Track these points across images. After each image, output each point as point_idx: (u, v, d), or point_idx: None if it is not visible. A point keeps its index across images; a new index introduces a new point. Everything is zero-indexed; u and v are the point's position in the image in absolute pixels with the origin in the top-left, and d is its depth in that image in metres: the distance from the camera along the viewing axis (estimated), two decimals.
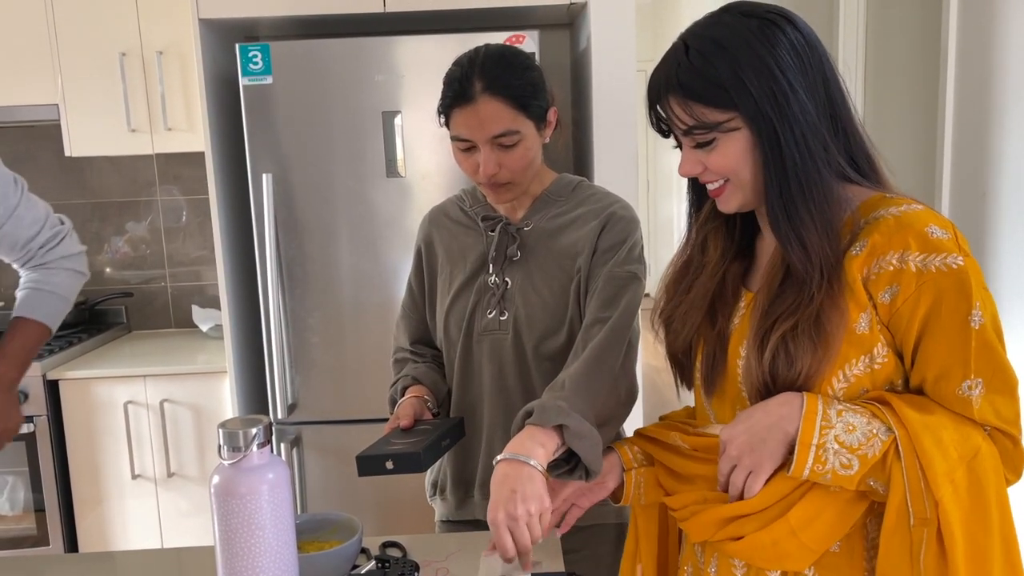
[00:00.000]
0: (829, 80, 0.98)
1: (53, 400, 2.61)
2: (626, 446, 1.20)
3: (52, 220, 1.72)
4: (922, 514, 0.89)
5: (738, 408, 1.06)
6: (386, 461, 1.23)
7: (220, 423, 0.99)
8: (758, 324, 1.00)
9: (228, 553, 0.98)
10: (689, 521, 1.04)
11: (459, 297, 1.45)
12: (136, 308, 3.19)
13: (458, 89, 1.32)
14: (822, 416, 0.93)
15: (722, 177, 1.01)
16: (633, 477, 1.17)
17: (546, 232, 1.42)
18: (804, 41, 0.97)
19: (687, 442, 1.11)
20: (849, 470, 0.92)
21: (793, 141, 0.94)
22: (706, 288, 1.10)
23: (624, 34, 2.33)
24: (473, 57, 1.35)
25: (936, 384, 0.95)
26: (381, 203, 2.39)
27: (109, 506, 2.68)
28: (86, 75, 2.72)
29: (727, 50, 0.95)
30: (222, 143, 2.50)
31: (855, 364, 0.96)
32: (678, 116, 0.98)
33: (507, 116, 1.32)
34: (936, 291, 0.92)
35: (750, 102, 0.94)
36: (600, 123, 2.37)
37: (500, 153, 1.33)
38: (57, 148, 2.81)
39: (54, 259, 1.70)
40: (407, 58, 2.33)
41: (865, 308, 0.95)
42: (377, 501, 2.47)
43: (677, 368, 1.18)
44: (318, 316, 2.43)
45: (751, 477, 0.97)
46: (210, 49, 2.43)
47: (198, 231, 3.16)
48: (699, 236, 1.13)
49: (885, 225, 0.94)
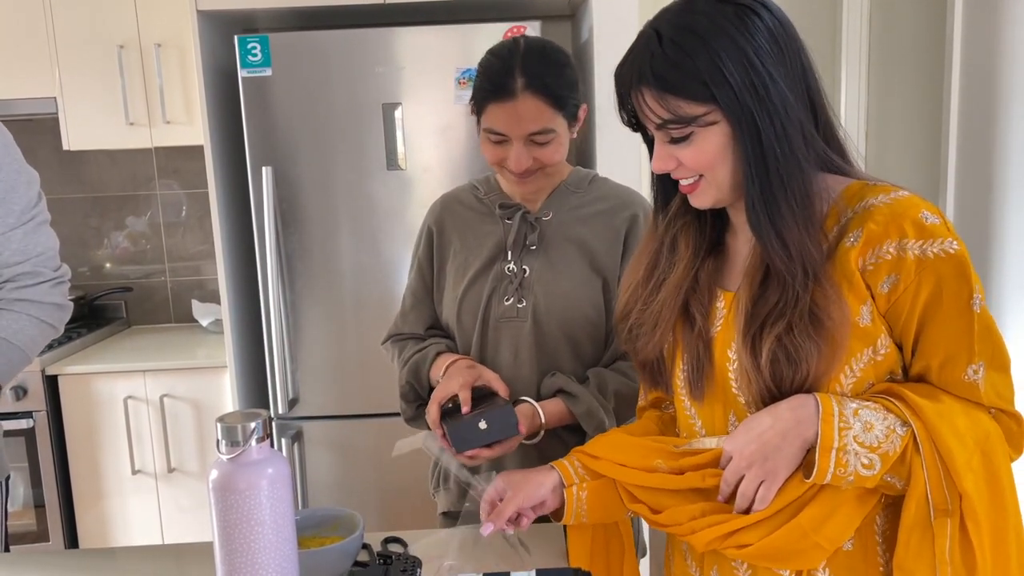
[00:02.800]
0: (806, 67, 0.95)
1: (52, 396, 2.60)
2: (564, 461, 1.13)
3: (46, 260, 1.50)
4: (943, 506, 0.88)
5: (731, 413, 1.02)
6: (479, 422, 1.26)
7: (219, 417, 0.98)
8: (744, 327, 0.96)
9: (227, 549, 0.97)
10: (693, 536, 1.00)
11: (474, 284, 1.44)
12: (136, 303, 3.17)
13: (498, 82, 1.31)
14: (839, 417, 0.90)
15: (697, 173, 0.97)
16: (575, 493, 1.10)
17: (566, 222, 1.44)
18: (781, 27, 0.93)
19: (674, 465, 1.04)
20: (871, 470, 0.89)
21: (774, 134, 0.90)
22: (677, 288, 1.05)
23: (626, 25, 2.31)
24: (513, 49, 1.34)
25: (942, 370, 0.93)
26: (382, 196, 2.37)
27: (109, 502, 2.66)
28: (84, 68, 2.70)
29: (704, 39, 0.90)
30: (221, 136, 2.48)
31: (860, 358, 0.94)
32: (652, 109, 0.93)
33: (546, 114, 1.32)
34: (936, 277, 0.90)
35: (730, 95, 0.89)
36: (602, 114, 2.35)
37: (533, 148, 1.34)
38: (55, 142, 2.79)
39: (20, 301, 1.47)
40: (407, 50, 2.31)
41: (865, 300, 0.92)
42: (378, 496, 2.46)
43: (647, 374, 1.13)
44: (318, 310, 2.41)
45: (763, 486, 0.93)
46: (208, 41, 2.41)
47: (198, 225, 3.14)
48: (668, 234, 1.07)
49: (879, 213, 0.92)
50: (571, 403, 1.37)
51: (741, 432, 0.95)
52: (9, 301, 1.47)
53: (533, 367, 1.42)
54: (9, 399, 2.51)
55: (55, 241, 1.54)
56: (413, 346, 1.50)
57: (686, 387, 1.07)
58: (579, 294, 1.41)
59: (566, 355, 1.42)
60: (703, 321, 1.03)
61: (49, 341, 1.54)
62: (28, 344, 1.48)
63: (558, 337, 1.41)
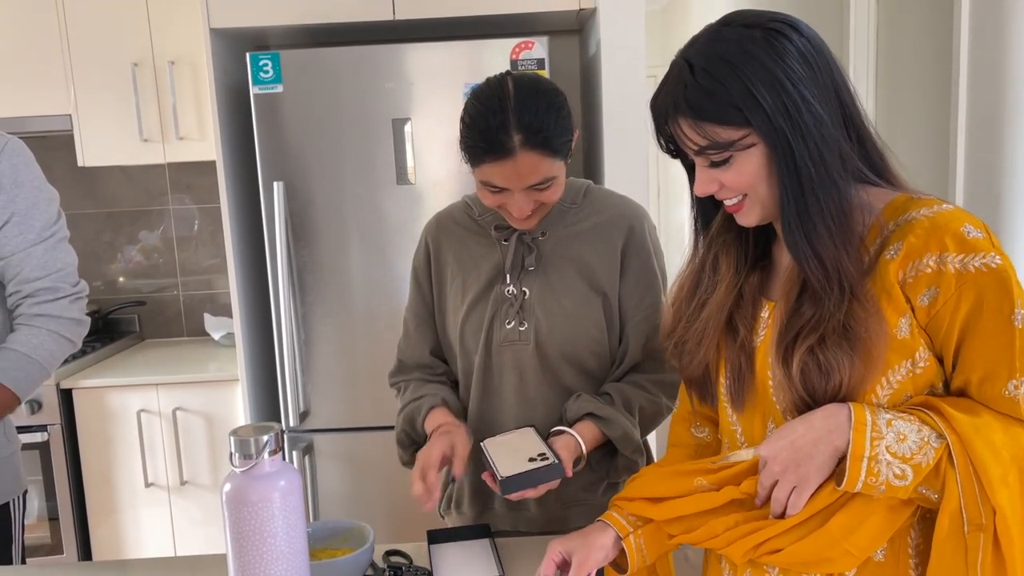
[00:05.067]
0: (839, 83, 0.96)
1: (67, 409, 2.62)
2: (614, 513, 1.13)
3: (64, 276, 1.54)
4: (977, 520, 0.88)
5: (770, 421, 1.03)
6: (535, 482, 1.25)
7: (232, 430, 0.99)
8: (779, 338, 0.97)
9: (240, 561, 0.98)
10: (729, 548, 1.00)
11: (475, 307, 1.43)
12: (149, 317, 3.20)
13: (493, 140, 1.24)
14: (871, 427, 0.90)
15: (740, 193, 0.98)
16: (632, 542, 1.10)
17: (563, 241, 1.42)
18: (811, 47, 0.94)
19: (713, 481, 1.05)
20: (903, 480, 0.89)
21: (807, 154, 0.92)
22: (721, 304, 1.06)
23: (634, 40, 2.33)
24: (502, 98, 1.26)
25: (981, 385, 0.93)
26: (392, 211, 2.39)
27: (123, 514, 2.68)
28: (99, 85, 2.74)
29: (735, 66, 0.91)
30: (233, 152, 2.51)
31: (898, 370, 0.94)
32: (689, 137, 0.95)
33: (545, 166, 1.27)
34: (977, 291, 0.90)
35: (763, 118, 0.91)
36: (610, 129, 2.36)
37: (535, 194, 1.31)
38: (70, 158, 2.83)
39: (40, 316, 1.51)
40: (417, 65, 2.33)
41: (904, 312, 0.93)
42: (388, 510, 2.47)
43: (695, 389, 1.14)
44: (329, 324, 2.43)
45: (795, 492, 0.94)
46: (221, 58, 2.44)
47: (210, 240, 3.17)
48: (709, 254, 1.09)
49: (920, 227, 0.92)
50: (605, 427, 1.34)
51: (775, 438, 0.96)
52: (29, 316, 1.50)
53: (539, 388, 1.41)
54: (24, 412, 2.54)
55: (74, 257, 1.58)
56: (411, 392, 1.48)
57: (728, 397, 1.08)
58: (580, 313, 1.39)
59: (571, 374, 1.41)
60: (747, 332, 1.05)
61: (67, 356, 1.57)
62: (47, 359, 1.51)
63: (562, 357, 1.40)
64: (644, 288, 1.42)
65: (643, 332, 1.40)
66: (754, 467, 1.00)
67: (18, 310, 1.52)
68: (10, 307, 1.53)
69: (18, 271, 1.49)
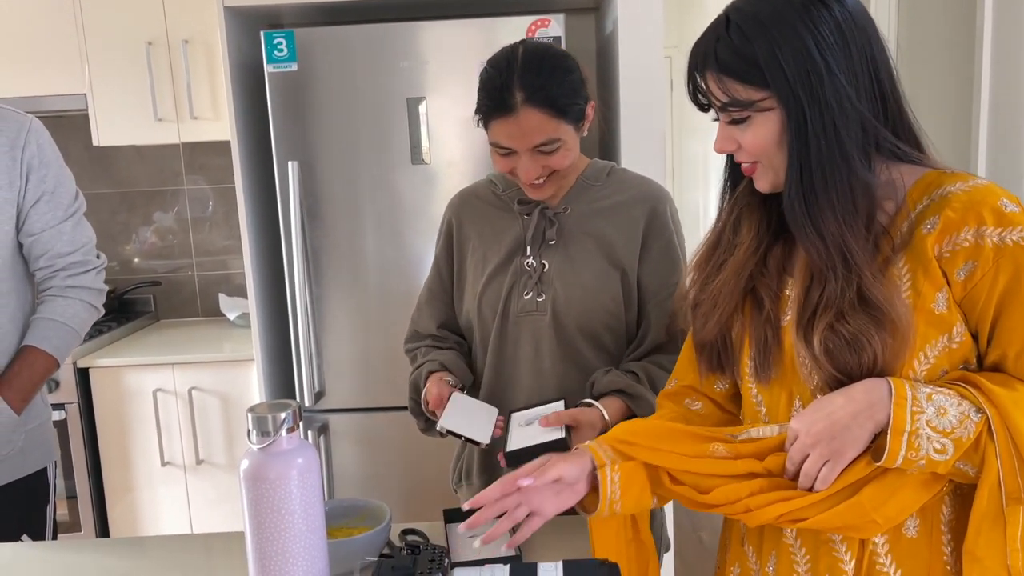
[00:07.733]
0: (878, 60, 0.95)
1: (84, 388, 2.64)
2: (594, 444, 1.06)
3: (89, 249, 1.68)
4: (1016, 493, 0.88)
5: (796, 399, 1.02)
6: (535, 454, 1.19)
7: (249, 407, 0.99)
8: (798, 316, 0.97)
9: (258, 538, 0.98)
10: (748, 515, 0.98)
11: (494, 279, 1.45)
12: (164, 297, 3.21)
13: (497, 98, 1.30)
14: (912, 401, 0.89)
15: (754, 157, 0.98)
16: (607, 474, 1.01)
17: (584, 216, 1.44)
18: (852, 20, 0.93)
19: (731, 450, 1.01)
20: (944, 455, 0.89)
21: (821, 127, 0.92)
22: (741, 268, 1.05)
23: (651, 18, 2.30)
24: (511, 60, 1.32)
25: (1019, 359, 0.92)
26: (406, 190, 2.38)
27: (139, 493, 2.71)
28: (113, 65, 2.73)
29: (767, 27, 0.92)
30: (248, 131, 2.50)
31: (935, 345, 0.93)
32: (712, 92, 0.97)
33: (549, 126, 1.31)
34: (1014, 265, 0.90)
35: (783, 83, 0.92)
36: (627, 108, 2.33)
37: (541, 157, 1.33)
38: (85, 138, 2.83)
39: (73, 288, 1.64)
40: (432, 44, 2.31)
41: (941, 287, 0.92)
42: (403, 490, 2.48)
43: (705, 356, 1.11)
44: (344, 304, 2.43)
45: (828, 466, 0.93)
46: (235, 37, 2.42)
47: (224, 220, 3.17)
48: (732, 213, 1.09)
49: (957, 200, 0.92)
50: (634, 405, 1.35)
51: (811, 411, 0.95)
52: (62, 288, 1.64)
53: (553, 360, 1.43)
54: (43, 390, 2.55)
55: (93, 232, 1.71)
56: (419, 359, 1.51)
57: (752, 371, 1.06)
58: (598, 287, 1.41)
59: (586, 348, 1.43)
60: (772, 306, 1.03)
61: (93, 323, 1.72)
62: (81, 326, 1.67)
63: (578, 330, 1.41)
64: (666, 269, 1.42)
65: (666, 312, 1.40)
66: (779, 444, 0.99)
67: (50, 283, 1.64)
68: (39, 280, 1.66)
69: (50, 247, 1.61)
